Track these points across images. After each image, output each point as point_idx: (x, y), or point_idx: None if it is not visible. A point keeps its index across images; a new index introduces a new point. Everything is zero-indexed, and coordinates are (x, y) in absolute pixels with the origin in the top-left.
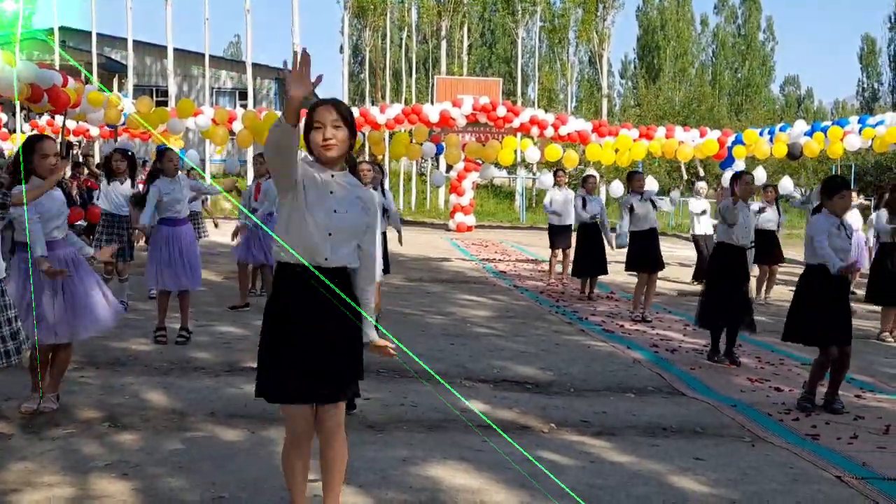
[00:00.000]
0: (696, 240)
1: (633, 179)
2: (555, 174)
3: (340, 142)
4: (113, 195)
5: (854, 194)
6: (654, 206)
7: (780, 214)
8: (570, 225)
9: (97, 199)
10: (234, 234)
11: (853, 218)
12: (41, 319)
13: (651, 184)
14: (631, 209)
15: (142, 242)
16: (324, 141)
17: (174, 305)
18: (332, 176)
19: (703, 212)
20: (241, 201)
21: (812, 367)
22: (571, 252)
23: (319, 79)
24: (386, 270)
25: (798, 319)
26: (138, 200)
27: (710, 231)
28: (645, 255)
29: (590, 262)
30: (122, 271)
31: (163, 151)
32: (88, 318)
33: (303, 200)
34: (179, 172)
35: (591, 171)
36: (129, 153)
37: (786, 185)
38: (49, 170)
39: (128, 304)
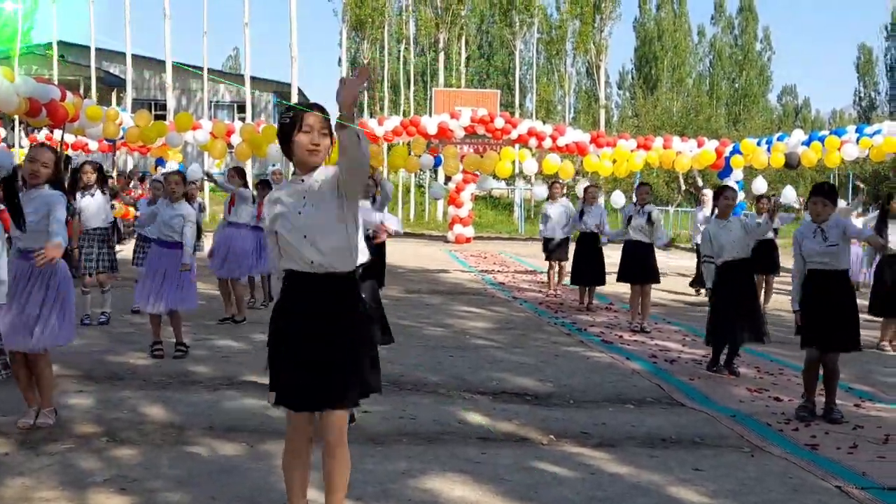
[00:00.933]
0: (699, 249)
1: (638, 191)
2: (550, 186)
3: (325, 149)
4: (85, 209)
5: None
6: (650, 221)
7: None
8: (566, 237)
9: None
10: (211, 254)
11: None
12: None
13: (617, 197)
14: (628, 221)
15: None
16: (312, 145)
17: (167, 318)
18: (303, 181)
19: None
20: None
21: (802, 374)
22: (567, 265)
23: (364, 73)
24: (381, 284)
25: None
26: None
27: None
28: (633, 264)
29: (587, 271)
30: (104, 283)
31: (168, 174)
32: (38, 329)
33: (278, 222)
34: (185, 202)
35: (583, 183)
36: (100, 165)
37: (788, 194)
38: (29, 174)
39: (109, 315)
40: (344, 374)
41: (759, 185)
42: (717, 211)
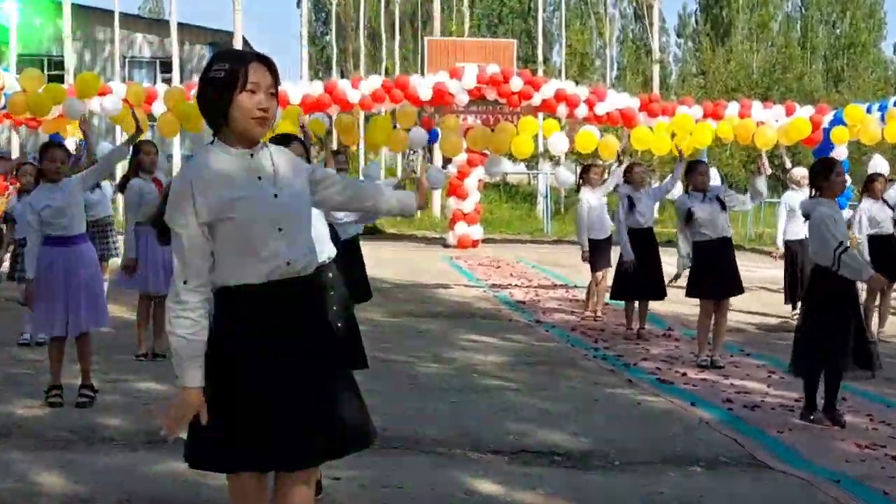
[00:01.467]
0: (788, 248)
1: (692, 174)
2: (585, 171)
3: (272, 117)
4: None
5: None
6: (724, 207)
7: (892, 209)
8: (611, 237)
9: None
10: (131, 269)
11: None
12: None
13: (713, 177)
14: (689, 216)
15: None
16: (258, 110)
17: (71, 354)
18: (252, 156)
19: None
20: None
21: None
22: (609, 273)
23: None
24: (367, 296)
25: None
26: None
27: (805, 234)
28: (711, 274)
29: (639, 281)
30: None
31: (45, 147)
32: None
33: (237, 208)
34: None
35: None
36: None
37: None
38: None
39: None
40: (324, 417)
41: (877, 164)
42: (825, 189)
